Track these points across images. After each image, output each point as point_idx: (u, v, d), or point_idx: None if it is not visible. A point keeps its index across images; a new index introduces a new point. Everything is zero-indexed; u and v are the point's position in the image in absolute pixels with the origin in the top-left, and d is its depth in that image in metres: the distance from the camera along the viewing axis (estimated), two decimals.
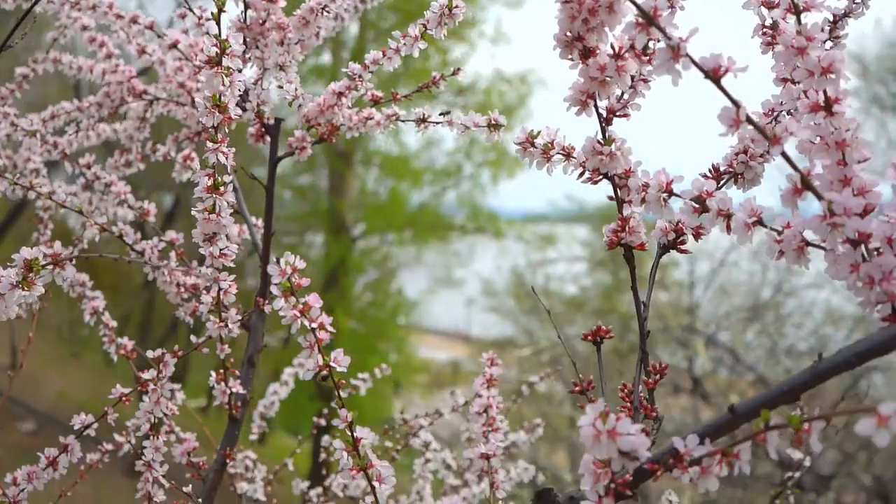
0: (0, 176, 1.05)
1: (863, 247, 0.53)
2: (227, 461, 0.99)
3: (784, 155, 0.52)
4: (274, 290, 0.62)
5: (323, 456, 1.45)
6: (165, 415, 0.98)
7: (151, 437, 0.94)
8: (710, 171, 0.70)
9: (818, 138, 0.54)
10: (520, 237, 11.37)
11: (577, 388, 0.67)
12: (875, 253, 0.52)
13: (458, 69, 0.99)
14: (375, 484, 0.65)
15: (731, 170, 0.69)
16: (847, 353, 0.50)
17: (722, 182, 0.70)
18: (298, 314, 0.62)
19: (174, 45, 1.02)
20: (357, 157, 11.77)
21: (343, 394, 0.66)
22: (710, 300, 7.01)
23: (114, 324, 1.11)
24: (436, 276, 12.27)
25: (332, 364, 0.63)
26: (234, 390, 0.97)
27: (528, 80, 10.35)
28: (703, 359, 5.44)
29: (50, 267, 0.67)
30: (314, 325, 0.62)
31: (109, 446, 1.14)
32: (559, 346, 7.21)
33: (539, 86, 10.32)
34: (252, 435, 1.41)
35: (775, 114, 0.70)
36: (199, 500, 0.94)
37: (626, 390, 0.65)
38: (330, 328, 0.62)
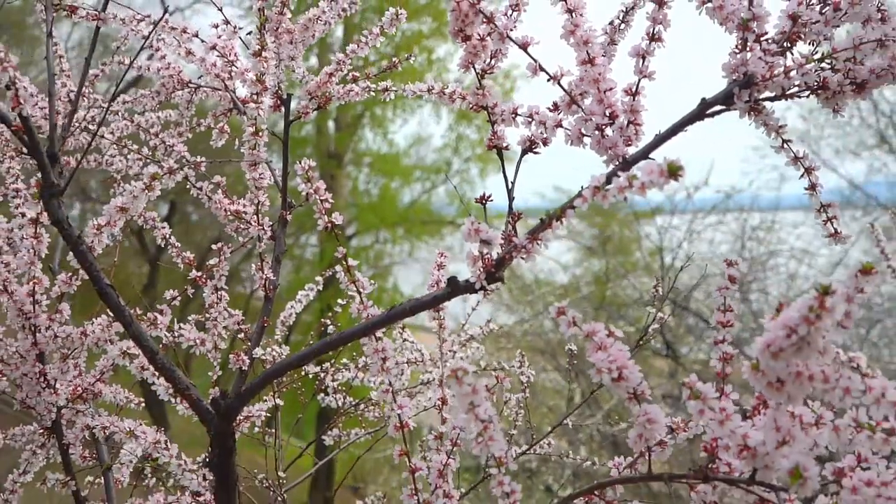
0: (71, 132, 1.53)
1: (609, 130, 1.01)
2: (265, 326, 1.47)
3: (561, 87, 1.00)
4: (298, 177, 1.09)
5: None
6: (220, 298, 1.46)
7: (215, 306, 1.41)
8: (552, 104, 1.18)
9: (584, 78, 1.02)
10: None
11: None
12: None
13: (410, 55, 1.48)
14: (360, 290, 1.12)
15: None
16: None
17: (560, 112, 1.17)
18: (312, 192, 1.10)
19: (213, 47, 1.50)
20: (348, 158, 12.25)
21: (340, 245, 1.13)
22: (686, 270, 7.51)
23: (178, 245, 1.59)
24: (429, 271, 12.66)
25: (333, 220, 1.11)
26: (268, 276, 1.45)
27: (511, 75, 10.86)
28: (670, 321, 5.94)
29: (167, 175, 1.14)
30: (322, 197, 1.10)
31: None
32: (552, 332, 7.68)
33: (523, 80, 10.85)
34: (275, 336, 1.89)
35: None
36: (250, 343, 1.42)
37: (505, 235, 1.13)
38: (330, 200, 1.10)
